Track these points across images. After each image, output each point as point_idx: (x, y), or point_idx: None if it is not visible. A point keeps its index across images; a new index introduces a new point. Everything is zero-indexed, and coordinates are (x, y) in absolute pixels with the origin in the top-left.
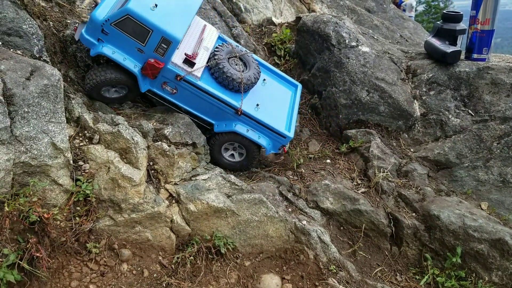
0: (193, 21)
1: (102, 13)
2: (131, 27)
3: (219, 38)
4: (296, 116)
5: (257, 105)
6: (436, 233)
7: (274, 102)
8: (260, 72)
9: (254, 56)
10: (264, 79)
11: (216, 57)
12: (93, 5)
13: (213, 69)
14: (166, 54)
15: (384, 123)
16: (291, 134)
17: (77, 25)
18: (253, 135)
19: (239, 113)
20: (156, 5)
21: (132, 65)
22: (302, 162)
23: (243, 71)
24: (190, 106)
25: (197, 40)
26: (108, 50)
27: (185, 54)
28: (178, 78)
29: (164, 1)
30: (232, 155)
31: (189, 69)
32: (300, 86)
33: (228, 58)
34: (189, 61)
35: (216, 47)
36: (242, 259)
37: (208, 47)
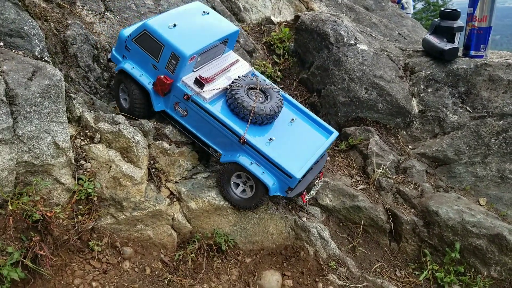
0: (226, 54)
1: (128, 30)
2: (147, 42)
3: (252, 74)
4: (316, 161)
5: (270, 139)
6: (435, 229)
7: (294, 143)
8: (281, 107)
9: (285, 95)
10: (292, 119)
11: (233, 84)
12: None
13: (228, 96)
14: (176, 71)
15: (383, 121)
16: (298, 175)
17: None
18: (256, 169)
19: (242, 141)
20: (174, 25)
21: (147, 81)
22: None
23: (261, 102)
24: (200, 132)
25: (221, 69)
26: (129, 66)
27: (198, 76)
28: (185, 97)
29: (188, 24)
30: (244, 191)
31: (198, 90)
32: (336, 133)
33: (248, 89)
34: (199, 82)
35: (238, 77)
36: (243, 256)
37: (232, 77)
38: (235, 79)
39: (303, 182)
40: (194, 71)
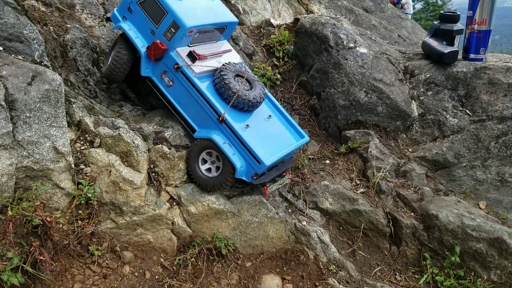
0: (221, 42)
1: None
2: (151, 7)
3: (240, 64)
4: (283, 157)
5: (247, 125)
6: (435, 233)
7: (267, 136)
8: (263, 98)
9: (268, 93)
10: (270, 116)
11: (222, 66)
12: None
13: (215, 76)
14: (172, 39)
15: (383, 124)
16: (266, 162)
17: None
18: (228, 149)
19: (221, 119)
20: None
21: (141, 44)
22: (306, 164)
23: (246, 90)
24: (180, 104)
25: (214, 52)
26: (126, 26)
27: (192, 50)
28: (176, 67)
29: (194, 2)
30: (209, 169)
31: (189, 63)
32: (307, 138)
33: (236, 75)
34: (192, 56)
35: (228, 62)
36: (243, 260)
37: (222, 62)
38: (225, 63)
39: (268, 174)
40: (189, 46)
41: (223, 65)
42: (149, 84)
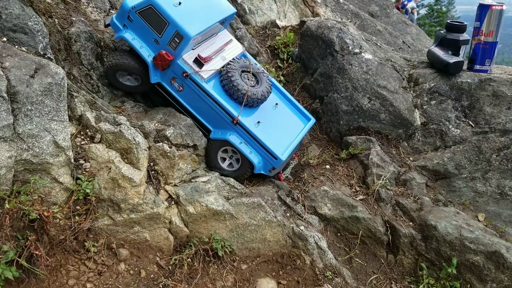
0: (221, 33)
1: (132, 1)
2: (152, 17)
3: (243, 55)
4: (296, 145)
5: (258, 122)
6: (433, 243)
7: (278, 127)
8: (270, 92)
9: (272, 79)
10: (276, 104)
11: (228, 66)
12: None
13: (223, 77)
14: (177, 49)
15: (385, 131)
16: (282, 157)
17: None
18: (245, 148)
19: (235, 122)
20: (180, 3)
21: (147, 54)
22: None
23: (253, 86)
24: (193, 107)
25: (217, 49)
26: (129, 36)
27: (197, 55)
28: (184, 75)
29: (192, 3)
30: (231, 164)
31: (197, 69)
32: (313, 120)
33: (242, 72)
34: (199, 62)
35: (233, 59)
36: (239, 263)
37: (226, 57)
38: (230, 61)
39: (283, 163)
40: (193, 49)
41: (228, 64)
42: (160, 90)
